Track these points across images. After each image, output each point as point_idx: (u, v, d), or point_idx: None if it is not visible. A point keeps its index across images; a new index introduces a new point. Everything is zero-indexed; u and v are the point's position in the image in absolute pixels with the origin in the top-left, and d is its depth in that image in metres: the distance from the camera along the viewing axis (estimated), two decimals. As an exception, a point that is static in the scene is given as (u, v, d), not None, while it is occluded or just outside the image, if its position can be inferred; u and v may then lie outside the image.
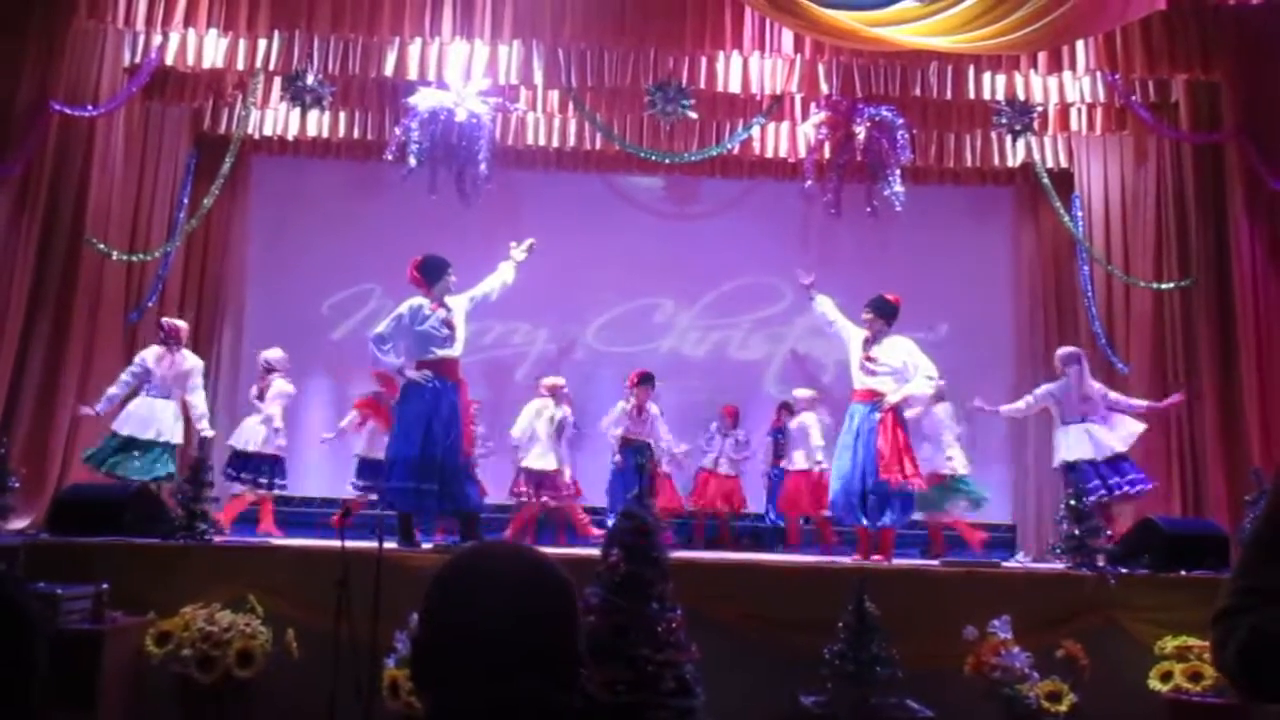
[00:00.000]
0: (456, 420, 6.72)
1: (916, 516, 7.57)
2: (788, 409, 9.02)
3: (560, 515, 8.51)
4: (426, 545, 6.64)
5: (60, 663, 4.69)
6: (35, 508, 6.96)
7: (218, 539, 6.39)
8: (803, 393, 8.87)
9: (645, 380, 8.51)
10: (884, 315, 7.21)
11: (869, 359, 7.12)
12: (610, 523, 6.44)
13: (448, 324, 6.79)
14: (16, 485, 6.54)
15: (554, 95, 8.71)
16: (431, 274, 6.83)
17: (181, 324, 7.80)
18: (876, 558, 6.85)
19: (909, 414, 7.32)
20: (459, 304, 6.89)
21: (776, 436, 9.03)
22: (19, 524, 6.67)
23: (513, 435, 8.39)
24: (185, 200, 8.89)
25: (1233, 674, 1.47)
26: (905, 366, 7.09)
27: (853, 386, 7.22)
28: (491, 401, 8.91)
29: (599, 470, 8.72)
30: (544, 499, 8.28)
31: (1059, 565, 6.47)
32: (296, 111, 8.52)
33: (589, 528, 8.30)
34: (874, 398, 7.03)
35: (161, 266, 8.62)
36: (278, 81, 8.44)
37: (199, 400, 7.61)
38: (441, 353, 6.75)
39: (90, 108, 7.66)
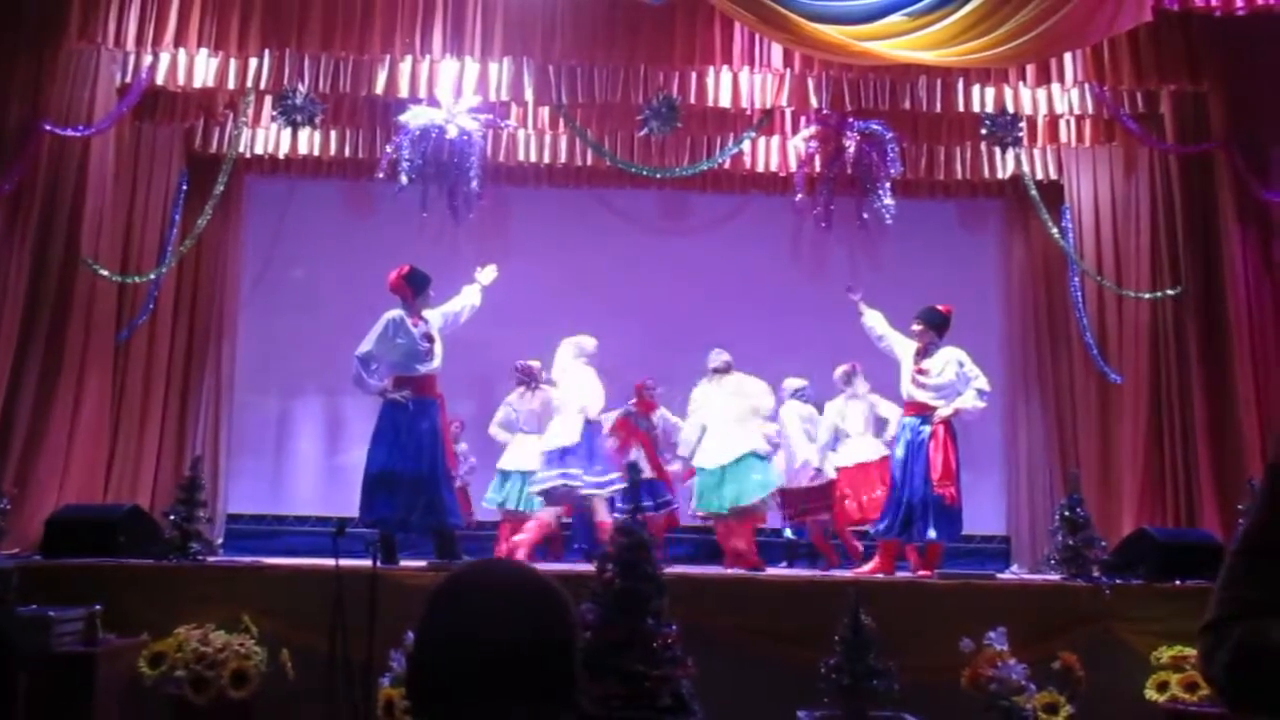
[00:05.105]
0: (438, 438, 6.71)
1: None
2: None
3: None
4: (409, 564, 6.60)
5: (53, 685, 4.70)
6: (28, 529, 6.92)
7: (211, 559, 6.38)
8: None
9: (646, 390, 8.45)
10: (934, 326, 7.15)
11: (920, 371, 7.05)
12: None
13: (428, 337, 6.80)
14: (8, 507, 6.52)
15: (544, 112, 8.72)
16: (418, 285, 6.85)
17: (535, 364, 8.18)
18: (923, 573, 6.81)
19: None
20: (434, 319, 6.91)
21: None
22: (12, 546, 6.63)
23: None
24: (177, 219, 8.86)
25: (1221, 685, 1.47)
26: (958, 378, 7.02)
27: (903, 400, 7.18)
28: (477, 418, 8.83)
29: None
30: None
31: (1054, 576, 6.47)
32: (288, 130, 8.52)
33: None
34: (924, 411, 6.98)
35: (153, 285, 8.60)
36: (269, 100, 8.44)
37: None
38: (423, 369, 6.75)
39: (82, 128, 7.65)
